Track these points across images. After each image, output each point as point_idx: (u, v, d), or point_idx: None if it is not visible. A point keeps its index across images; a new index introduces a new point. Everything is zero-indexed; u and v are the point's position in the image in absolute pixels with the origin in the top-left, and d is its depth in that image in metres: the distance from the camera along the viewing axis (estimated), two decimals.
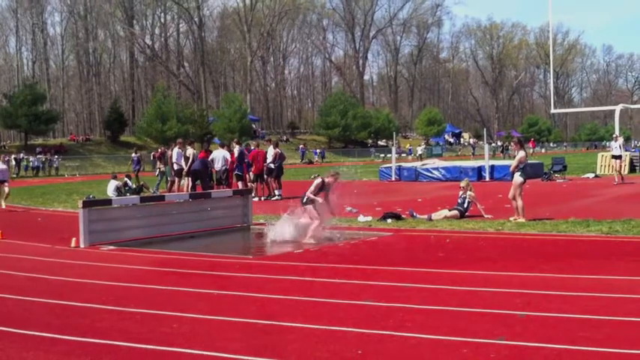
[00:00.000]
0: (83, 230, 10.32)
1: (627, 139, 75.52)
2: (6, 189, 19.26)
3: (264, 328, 5.26)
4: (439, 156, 59.86)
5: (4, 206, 18.61)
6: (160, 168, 23.87)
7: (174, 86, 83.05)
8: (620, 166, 22.01)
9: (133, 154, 31.38)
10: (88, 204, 10.85)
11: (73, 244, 10.30)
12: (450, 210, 13.07)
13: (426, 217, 12.80)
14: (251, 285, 7.03)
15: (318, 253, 9.14)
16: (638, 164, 28.17)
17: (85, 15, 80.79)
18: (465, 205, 13.06)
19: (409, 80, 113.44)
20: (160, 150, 27.47)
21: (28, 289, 7.16)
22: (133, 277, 7.74)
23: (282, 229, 10.65)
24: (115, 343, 4.92)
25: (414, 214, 13.09)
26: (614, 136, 23.37)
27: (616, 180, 21.29)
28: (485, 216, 12.74)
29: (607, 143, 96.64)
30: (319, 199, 10.81)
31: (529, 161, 14.45)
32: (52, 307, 6.23)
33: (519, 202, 11.97)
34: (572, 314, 5.37)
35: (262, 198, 18.84)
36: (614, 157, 22.17)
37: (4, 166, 19.82)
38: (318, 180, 11.08)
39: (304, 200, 10.88)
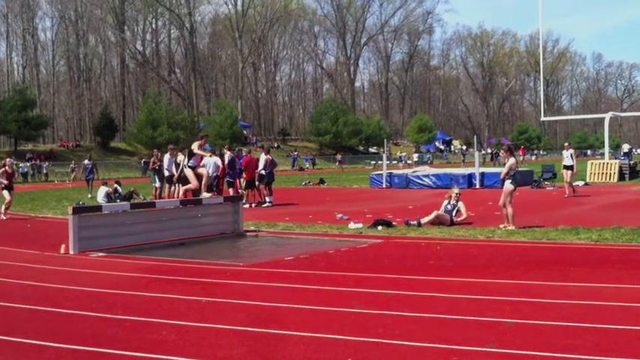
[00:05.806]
0: (73, 237, 10.27)
1: (617, 147, 75.85)
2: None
3: (254, 336, 5.25)
4: (429, 163, 59.99)
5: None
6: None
7: (165, 92, 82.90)
8: (571, 176, 19.92)
9: (86, 161, 27.48)
10: (77, 210, 10.80)
11: (62, 251, 10.25)
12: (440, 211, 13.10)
13: (414, 222, 12.72)
14: (241, 292, 7.02)
15: (308, 260, 9.13)
16: (627, 172, 28.26)
17: (76, 20, 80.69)
18: (454, 213, 13.06)
19: (400, 87, 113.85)
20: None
21: (16, 295, 7.12)
22: (122, 284, 7.71)
23: None
24: (103, 351, 4.90)
25: (410, 222, 12.95)
26: (565, 145, 21.85)
27: (567, 193, 19.51)
28: (470, 214, 13.52)
29: (597, 150, 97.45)
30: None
31: (519, 169, 14.48)
32: (41, 314, 6.20)
33: (510, 210, 12.00)
34: (562, 322, 5.39)
35: (253, 205, 18.82)
36: (565, 167, 19.99)
37: None
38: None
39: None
